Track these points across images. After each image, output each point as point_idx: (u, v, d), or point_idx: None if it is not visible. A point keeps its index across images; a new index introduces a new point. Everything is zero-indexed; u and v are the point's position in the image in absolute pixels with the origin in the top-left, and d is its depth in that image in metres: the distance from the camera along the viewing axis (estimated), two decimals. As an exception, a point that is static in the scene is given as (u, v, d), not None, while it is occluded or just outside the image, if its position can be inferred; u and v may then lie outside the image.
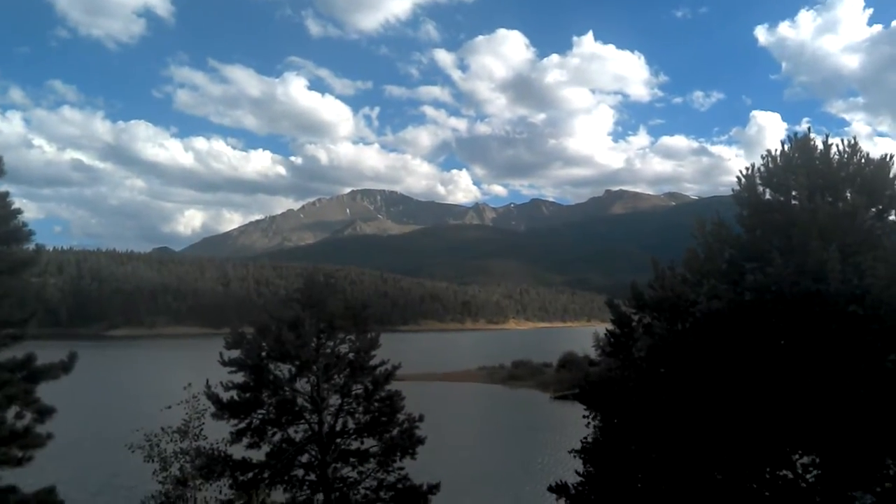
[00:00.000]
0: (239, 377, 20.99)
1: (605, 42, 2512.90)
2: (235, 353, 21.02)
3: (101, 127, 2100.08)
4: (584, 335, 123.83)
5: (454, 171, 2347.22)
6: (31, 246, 15.96)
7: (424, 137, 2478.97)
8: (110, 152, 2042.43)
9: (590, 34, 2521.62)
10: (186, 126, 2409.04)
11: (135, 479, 23.39)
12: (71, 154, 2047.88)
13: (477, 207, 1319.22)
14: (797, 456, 12.78)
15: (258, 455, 20.89)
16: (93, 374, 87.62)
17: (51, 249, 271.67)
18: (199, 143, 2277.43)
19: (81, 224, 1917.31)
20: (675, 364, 13.03)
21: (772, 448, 12.34)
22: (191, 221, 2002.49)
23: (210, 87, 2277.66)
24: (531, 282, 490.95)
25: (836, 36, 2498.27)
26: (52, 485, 15.53)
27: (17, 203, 15.50)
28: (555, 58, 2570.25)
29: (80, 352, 16.18)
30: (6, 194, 15.42)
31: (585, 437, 14.74)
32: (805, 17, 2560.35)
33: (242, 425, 20.81)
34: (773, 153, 14.21)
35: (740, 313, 12.18)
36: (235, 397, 20.77)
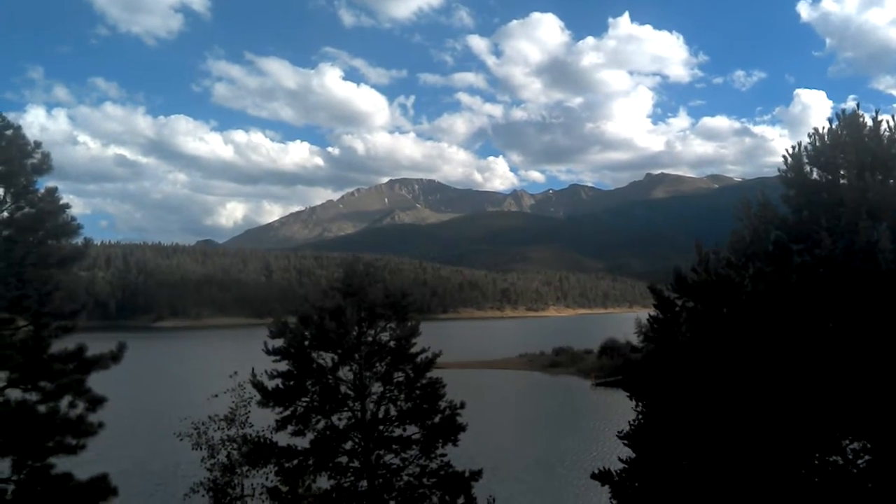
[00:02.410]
0: (283, 365, 21.26)
1: (642, 23, 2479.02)
2: (279, 342, 21.29)
3: (143, 122, 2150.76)
4: (626, 321, 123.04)
5: (491, 158, 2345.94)
6: (80, 240, 16.33)
7: (460, 125, 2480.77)
8: (152, 147, 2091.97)
9: (626, 15, 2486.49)
10: (225, 119, 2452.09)
11: (196, 468, 23.93)
12: (114, 150, 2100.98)
13: (515, 194, 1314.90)
14: (847, 441, 12.48)
15: (303, 442, 21.17)
16: (142, 364, 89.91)
17: (98, 244, 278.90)
18: (238, 135, 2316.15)
19: (126, 218, 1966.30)
20: (721, 348, 12.81)
21: (821, 433, 12.07)
22: (232, 214, 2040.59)
23: (247, 79, 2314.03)
24: (571, 268, 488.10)
25: (883, 9, 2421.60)
26: (104, 472, 15.93)
27: (65, 198, 15.87)
28: (590, 40, 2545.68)
29: (128, 343, 16.55)
30: (54, 189, 15.80)
31: (632, 422, 14.58)
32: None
33: (287, 413, 21.07)
34: (821, 131, 13.76)
35: (787, 296, 11.91)
36: (280, 385, 21.04)
